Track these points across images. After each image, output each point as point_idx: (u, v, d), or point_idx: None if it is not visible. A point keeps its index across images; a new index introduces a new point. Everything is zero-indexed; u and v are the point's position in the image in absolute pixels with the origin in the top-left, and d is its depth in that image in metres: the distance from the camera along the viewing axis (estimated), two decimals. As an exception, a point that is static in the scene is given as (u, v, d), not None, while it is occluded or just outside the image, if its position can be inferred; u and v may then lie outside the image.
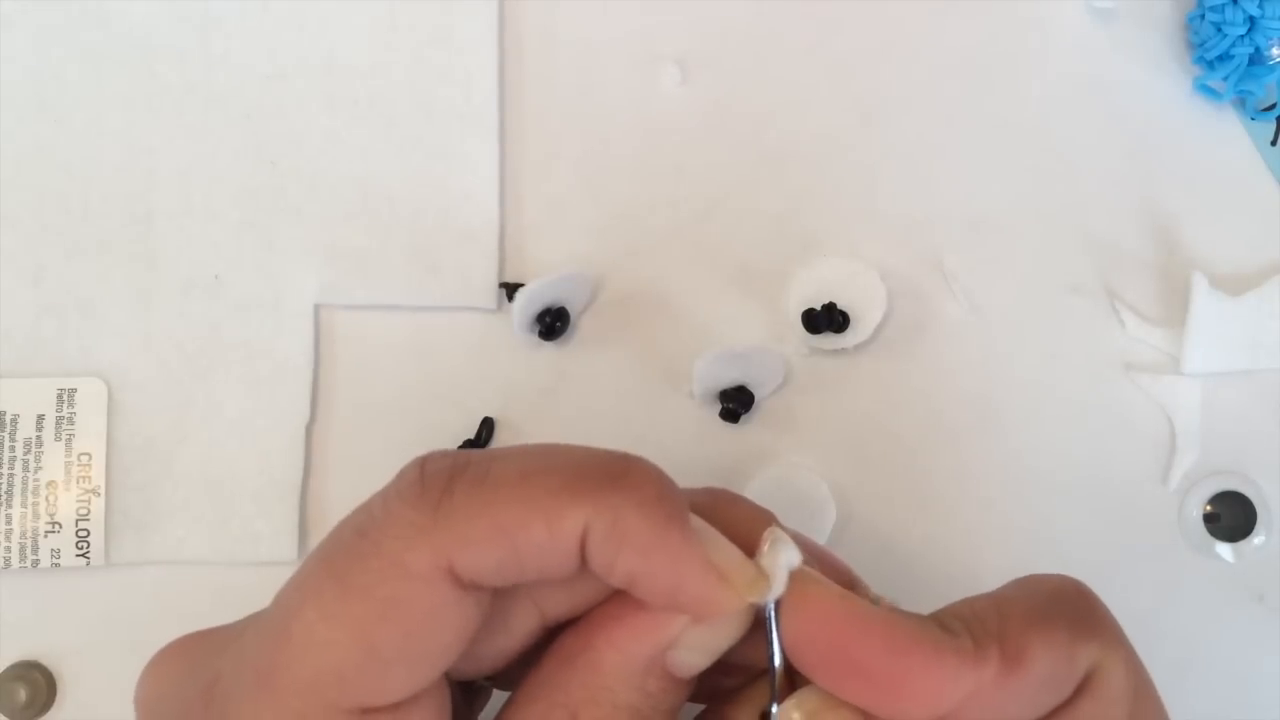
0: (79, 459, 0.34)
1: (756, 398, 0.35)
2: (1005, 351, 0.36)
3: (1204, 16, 0.36)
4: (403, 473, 0.22)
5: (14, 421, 0.34)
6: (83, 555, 0.33)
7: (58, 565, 0.33)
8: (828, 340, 0.35)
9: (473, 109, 0.36)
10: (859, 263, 0.36)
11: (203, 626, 0.24)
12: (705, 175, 0.36)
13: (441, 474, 0.21)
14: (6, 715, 0.33)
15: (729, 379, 0.34)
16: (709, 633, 0.22)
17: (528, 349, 0.35)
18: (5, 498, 0.33)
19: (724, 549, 0.22)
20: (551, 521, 0.21)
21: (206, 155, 0.35)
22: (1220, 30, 0.36)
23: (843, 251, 0.36)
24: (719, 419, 0.35)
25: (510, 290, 0.35)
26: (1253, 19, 0.35)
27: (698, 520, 0.22)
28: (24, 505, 0.33)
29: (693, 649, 0.22)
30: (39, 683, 0.34)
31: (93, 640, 0.34)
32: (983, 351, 0.36)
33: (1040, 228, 0.36)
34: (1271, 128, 0.37)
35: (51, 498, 0.33)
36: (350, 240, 0.35)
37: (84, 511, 0.33)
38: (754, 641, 0.23)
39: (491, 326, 0.35)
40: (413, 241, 0.35)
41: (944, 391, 0.36)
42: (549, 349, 0.35)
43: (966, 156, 0.37)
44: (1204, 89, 0.37)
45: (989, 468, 0.35)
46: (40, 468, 0.34)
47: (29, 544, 0.33)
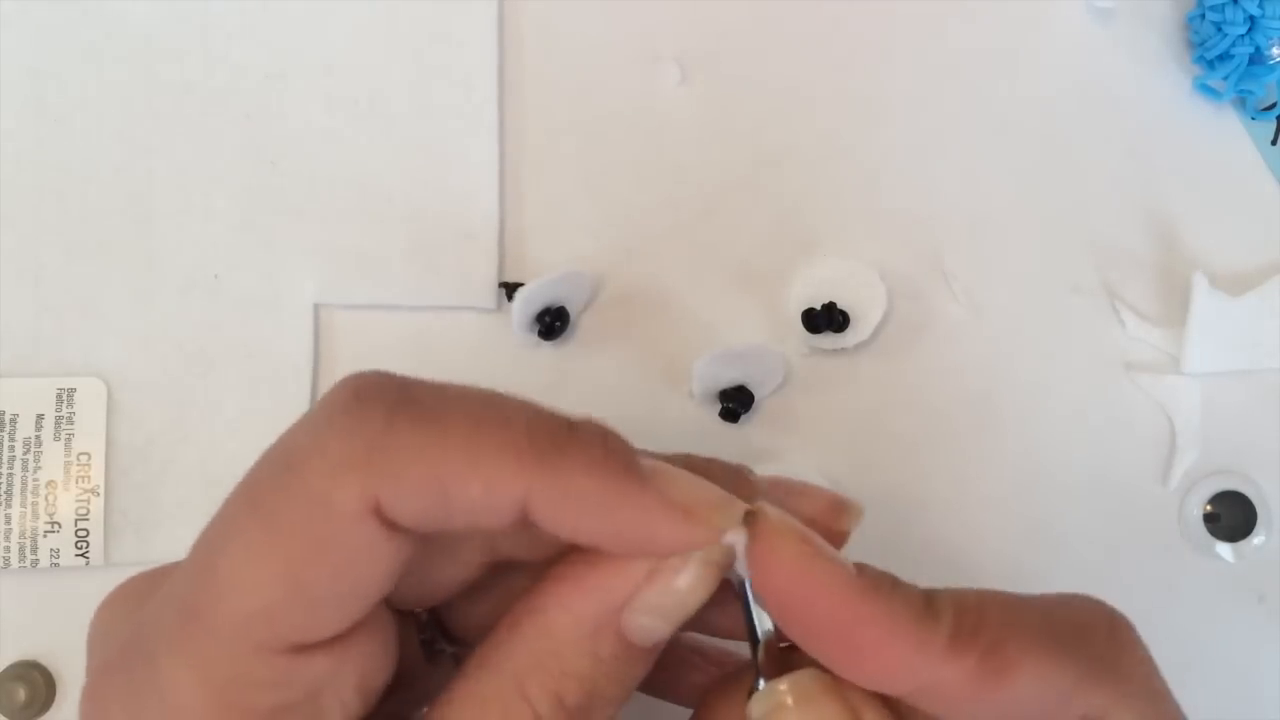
0: (78, 459, 0.34)
1: (756, 397, 0.35)
2: (1005, 351, 0.36)
3: (1204, 16, 0.36)
4: (333, 392, 0.20)
5: (13, 421, 0.34)
6: (82, 555, 0.33)
7: (57, 565, 0.33)
8: (828, 340, 0.35)
9: (473, 108, 0.36)
10: (859, 263, 0.36)
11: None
12: (705, 175, 0.36)
13: (379, 403, 0.20)
14: (6, 715, 0.33)
15: (729, 379, 0.34)
16: (665, 592, 0.21)
17: (527, 349, 0.35)
18: (5, 498, 0.33)
19: (683, 482, 0.21)
20: (491, 484, 0.20)
21: (206, 155, 0.35)
22: (1220, 30, 0.36)
23: (843, 251, 0.36)
24: (719, 419, 0.35)
25: (510, 290, 0.35)
26: (1253, 18, 0.35)
27: (651, 461, 0.21)
28: (23, 505, 0.33)
29: (649, 611, 0.21)
30: (39, 683, 0.33)
31: (92, 640, 0.34)
32: (983, 351, 0.36)
33: (1040, 228, 0.36)
34: (1271, 128, 0.37)
35: (51, 497, 0.33)
36: (350, 240, 0.35)
37: (83, 511, 0.33)
38: (728, 613, 0.22)
39: (491, 326, 0.35)
40: (412, 241, 0.35)
41: (944, 391, 0.36)
42: (549, 349, 0.35)
43: (967, 156, 0.37)
44: (1204, 89, 0.37)
45: (989, 468, 0.35)
46: (40, 467, 0.33)
47: (28, 544, 0.33)
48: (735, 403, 0.34)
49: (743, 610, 0.22)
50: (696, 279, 0.36)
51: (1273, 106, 0.37)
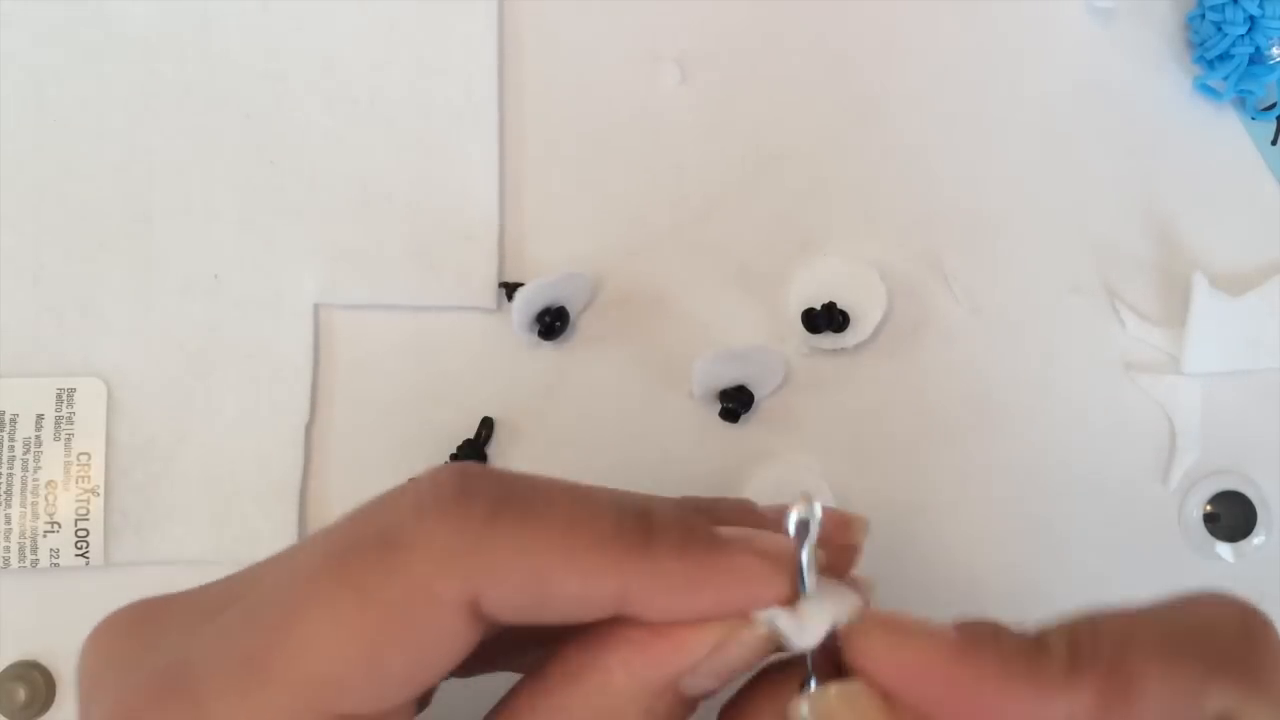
0: (78, 459, 0.34)
1: (756, 397, 0.35)
2: (1005, 351, 0.36)
3: (1204, 16, 0.36)
4: (437, 481, 0.21)
5: (13, 421, 0.34)
6: (82, 555, 0.33)
7: (57, 565, 0.33)
8: (828, 340, 0.35)
9: (473, 109, 0.36)
10: (859, 263, 0.35)
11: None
12: (705, 175, 0.36)
13: (486, 498, 0.20)
14: (6, 715, 0.33)
15: (729, 379, 0.34)
16: (729, 657, 0.21)
17: (527, 349, 0.35)
18: (4, 497, 0.33)
19: (762, 541, 0.21)
20: (588, 579, 0.20)
21: (206, 155, 0.35)
22: (1220, 30, 0.36)
23: (843, 251, 0.36)
24: (719, 419, 0.35)
25: (510, 290, 0.35)
26: (1253, 18, 0.35)
27: (728, 530, 0.22)
28: (23, 505, 0.33)
29: (710, 674, 0.22)
30: (38, 683, 0.33)
31: (92, 640, 0.34)
32: (983, 351, 0.36)
33: (1040, 228, 0.36)
34: (1271, 128, 0.37)
35: (51, 497, 0.33)
36: (350, 240, 0.35)
37: (83, 511, 0.33)
38: None
39: (491, 326, 0.35)
40: (412, 241, 0.35)
41: (944, 391, 0.36)
42: (549, 349, 0.35)
43: (966, 156, 0.37)
44: (1204, 89, 0.37)
45: (989, 468, 0.35)
46: (39, 467, 0.33)
47: (28, 544, 0.33)
48: (735, 403, 0.34)
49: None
50: (696, 279, 0.36)
51: (1273, 106, 0.37)
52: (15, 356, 0.34)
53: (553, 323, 0.34)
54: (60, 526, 0.33)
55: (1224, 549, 0.35)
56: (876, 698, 0.21)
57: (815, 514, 0.21)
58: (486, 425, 0.35)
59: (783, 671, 0.23)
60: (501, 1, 0.36)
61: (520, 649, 0.24)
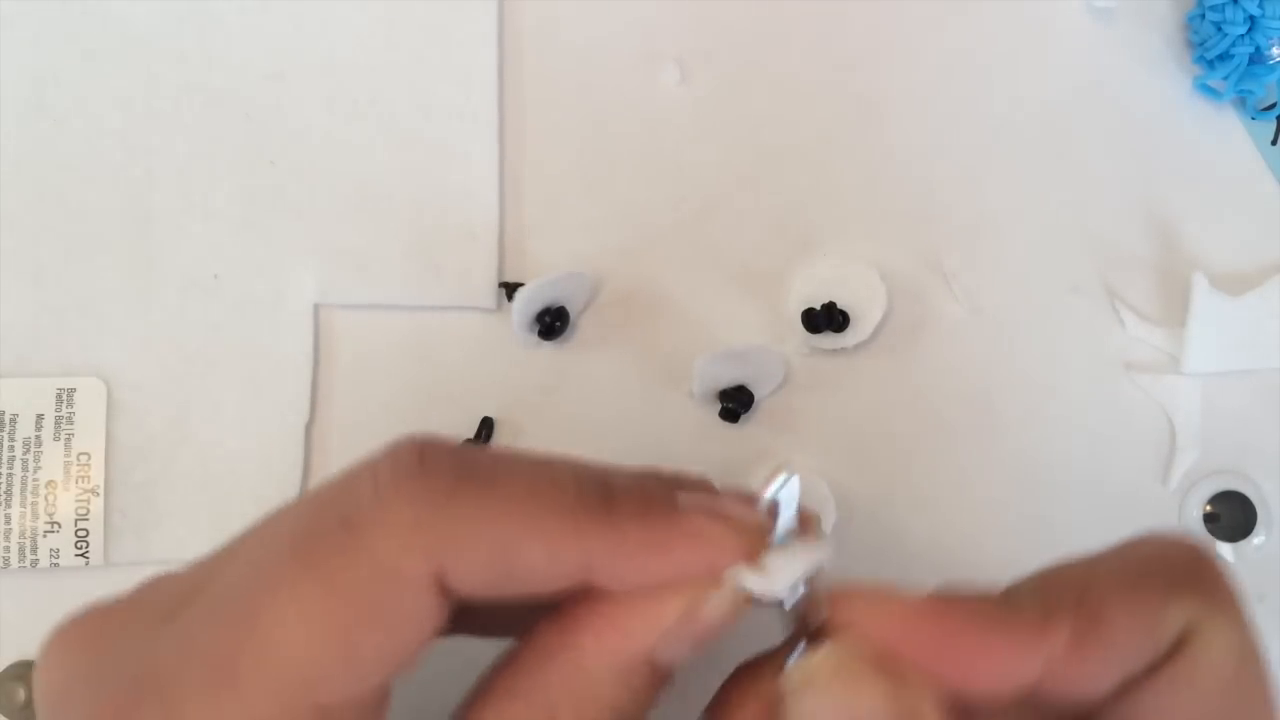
0: (78, 459, 0.34)
1: (756, 397, 0.35)
2: (1005, 351, 0.36)
3: (1204, 16, 0.36)
4: (396, 456, 0.20)
5: (13, 421, 0.34)
6: (82, 555, 0.33)
7: (57, 565, 0.33)
8: (828, 340, 0.35)
9: (472, 108, 0.36)
10: (859, 263, 0.36)
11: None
12: (705, 175, 0.36)
13: (446, 470, 0.20)
14: (6, 715, 0.33)
15: (729, 379, 0.34)
16: (700, 621, 0.21)
17: (527, 349, 0.35)
18: (4, 497, 0.33)
19: (724, 504, 0.22)
20: (553, 548, 0.20)
21: (205, 155, 0.35)
22: (1220, 30, 0.36)
23: (843, 251, 0.36)
24: (719, 419, 0.35)
25: (510, 290, 0.35)
26: (1253, 18, 0.35)
27: (686, 495, 0.22)
28: (23, 505, 0.33)
29: (681, 640, 0.22)
30: (38, 683, 0.33)
31: (92, 640, 0.34)
32: (983, 351, 0.36)
33: (1040, 228, 0.36)
34: (1271, 128, 0.37)
35: (50, 497, 0.33)
36: (350, 240, 0.35)
37: (83, 511, 0.33)
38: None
39: (491, 326, 0.35)
40: (412, 241, 0.35)
41: (944, 391, 0.36)
42: (549, 348, 0.35)
43: (967, 156, 0.37)
44: (1204, 89, 0.37)
45: (989, 468, 0.35)
46: (39, 467, 0.33)
47: (28, 544, 0.33)
48: (735, 403, 0.34)
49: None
50: (696, 279, 0.36)
51: (1273, 106, 0.37)
52: (15, 356, 0.34)
53: (553, 323, 0.34)
54: (60, 526, 0.33)
55: (1224, 549, 0.35)
56: (862, 654, 0.21)
57: (790, 471, 0.22)
58: (486, 425, 0.35)
59: (759, 664, 0.23)
60: (501, 1, 0.36)
61: (495, 617, 0.23)
